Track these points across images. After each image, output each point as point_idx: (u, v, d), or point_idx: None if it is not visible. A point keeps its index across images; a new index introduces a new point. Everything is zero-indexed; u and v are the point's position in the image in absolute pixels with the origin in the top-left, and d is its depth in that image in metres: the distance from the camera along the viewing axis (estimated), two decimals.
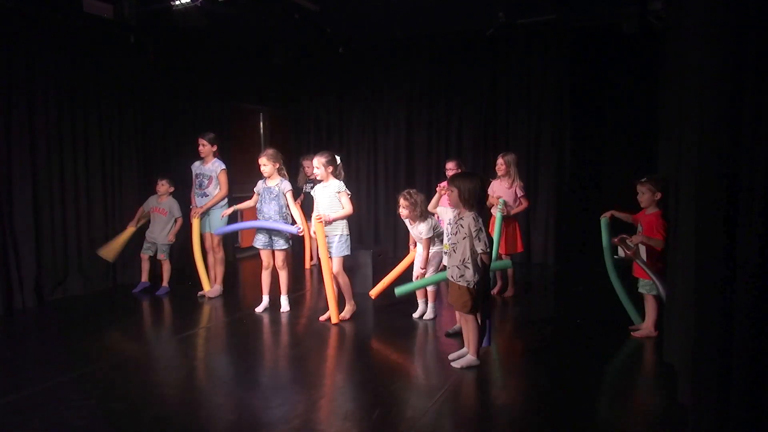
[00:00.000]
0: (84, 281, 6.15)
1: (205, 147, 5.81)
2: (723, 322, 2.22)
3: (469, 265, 3.70)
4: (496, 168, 5.78)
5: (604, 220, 4.63)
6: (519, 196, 5.69)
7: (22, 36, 5.48)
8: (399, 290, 4.72)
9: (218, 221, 5.79)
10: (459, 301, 3.78)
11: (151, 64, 6.82)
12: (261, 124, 9.25)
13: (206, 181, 5.81)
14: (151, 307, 5.77)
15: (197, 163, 5.93)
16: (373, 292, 4.90)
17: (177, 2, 5.82)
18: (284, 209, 5.24)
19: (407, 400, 3.49)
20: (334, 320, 4.93)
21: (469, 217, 3.72)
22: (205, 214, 5.79)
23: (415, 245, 5.08)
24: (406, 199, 4.77)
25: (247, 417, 3.22)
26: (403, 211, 4.81)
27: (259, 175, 5.33)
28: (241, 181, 7.56)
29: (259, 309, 5.34)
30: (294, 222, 5.27)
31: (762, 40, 2.03)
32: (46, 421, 3.13)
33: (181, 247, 6.44)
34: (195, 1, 5.77)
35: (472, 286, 3.71)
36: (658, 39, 6.13)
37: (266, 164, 5.23)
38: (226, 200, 5.88)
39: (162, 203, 6.12)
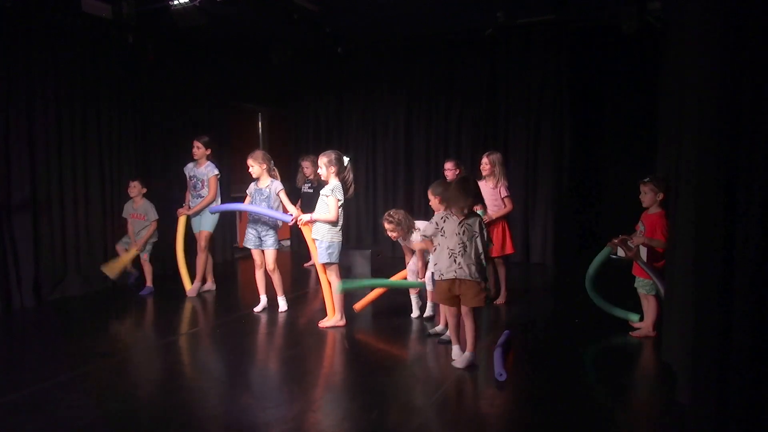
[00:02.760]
0: (82, 281, 6.13)
1: (199, 150, 5.86)
2: (722, 321, 2.22)
3: (482, 260, 3.81)
4: (481, 168, 5.54)
5: (608, 249, 4.53)
6: (503, 196, 5.45)
7: (21, 36, 5.47)
8: (344, 286, 4.77)
9: (210, 219, 5.92)
10: (477, 297, 3.79)
11: (150, 64, 6.81)
12: (259, 124, 9.25)
13: (200, 184, 5.89)
14: (150, 308, 5.76)
15: (190, 165, 5.97)
16: (358, 305, 4.94)
17: (175, 2, 5.82)
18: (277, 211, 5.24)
19: (406, 399, 3.49)
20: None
21: (472, 216, 3.83)
22: (196, 214, 5.89)
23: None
24: (389, 222, 4.72)
25: (245, 417, 3.21)
26: (392, 234, 4.76)
27: None
28: (240, 182, 7.55)
29: (257, 309, 5.33)
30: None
31: (762, 40, 2.03)
32: (45, 421, 3.12)
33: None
34: (193, 0, 5.77)
35: (486, 280, 3.87)
36: (658, 39, 6.13)
37: (253, 165, 5.24)
38: (218, 199, 5.96)
39: (137, 208, 6.05)
